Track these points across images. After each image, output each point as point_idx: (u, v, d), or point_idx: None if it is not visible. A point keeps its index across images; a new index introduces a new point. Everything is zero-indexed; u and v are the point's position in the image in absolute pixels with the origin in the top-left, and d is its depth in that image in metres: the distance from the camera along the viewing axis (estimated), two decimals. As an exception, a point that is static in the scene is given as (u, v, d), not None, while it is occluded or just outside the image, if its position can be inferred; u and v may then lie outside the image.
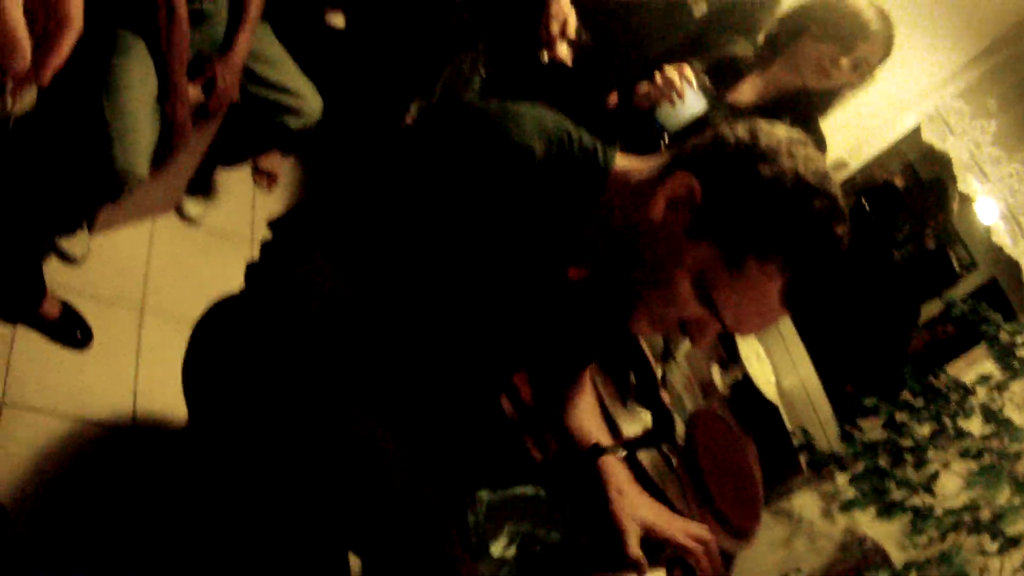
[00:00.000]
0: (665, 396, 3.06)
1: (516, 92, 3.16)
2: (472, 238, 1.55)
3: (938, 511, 3.51)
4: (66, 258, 3.14)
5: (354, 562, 1.84)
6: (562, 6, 3.19)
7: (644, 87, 2.96)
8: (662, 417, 2.84)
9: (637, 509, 1.99)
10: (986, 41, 4.33)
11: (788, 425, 4.45)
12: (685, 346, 3.45)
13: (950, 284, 4.72)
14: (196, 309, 1.94)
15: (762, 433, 4.20)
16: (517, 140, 1.50)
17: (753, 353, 4.14)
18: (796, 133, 1.55)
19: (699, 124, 2.89)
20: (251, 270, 1.80)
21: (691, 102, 2.91)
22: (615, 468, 2.06)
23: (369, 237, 1.56)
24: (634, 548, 1.92)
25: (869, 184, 4.99)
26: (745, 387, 4.05)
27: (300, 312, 1.60)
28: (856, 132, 4.62)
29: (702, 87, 2.90)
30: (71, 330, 2.98)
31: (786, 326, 4.73)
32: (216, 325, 1.91)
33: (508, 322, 1.78)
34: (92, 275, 3.21)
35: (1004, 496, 3.42)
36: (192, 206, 3.71)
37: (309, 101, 3.26)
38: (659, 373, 3.16)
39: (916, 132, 4.41)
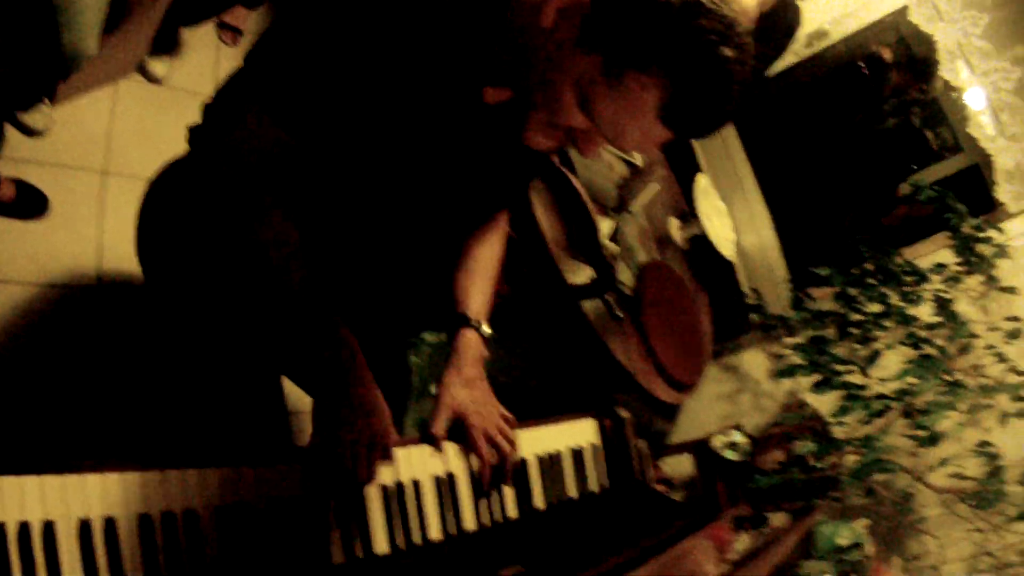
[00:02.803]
0: (612, 248, 3.20)
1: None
2: (389, 62, 1.61)
3: (870, 393, 3.67)
4: (28, 131, 3.22)
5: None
6: None
7: None
8: (601, 270, 2.95)
9: (460, 391, 2.05)
10: (990, -67, 4.37)
11: (743, 283, 4.67)
12: (643, 198, 3.56)
13: (926, 163, 4.85)
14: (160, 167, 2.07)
15: (717, 288, 4.38)
16: None
17: (714, 209, 4.24)
18: None
19: None
20: (193, 132, 1.85)
21: None
22: (468, 343, 2.11)
23: (298, 78, 1.62)
24: (437, 426, 1.98)
25: (853, 54, 5.06)
26: (703, 242, 4.17)
27: (240, 166, 1.67)
28: (841, 3, 4.68)
29: None
30: (28, 205, 3.11)
31: (749, 184, 4.88)
32: (162, 187, 2.04)
33: (433, 152, 1.84)
34: (56, 143, 3.31)
35: (934, 391, 3.57)
36: (157, 65, 3.77)
37: None
38: (610, 224, 3.29)
39: (903, 11, 4.46)
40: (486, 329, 2.15)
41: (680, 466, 4.19)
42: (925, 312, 3.93)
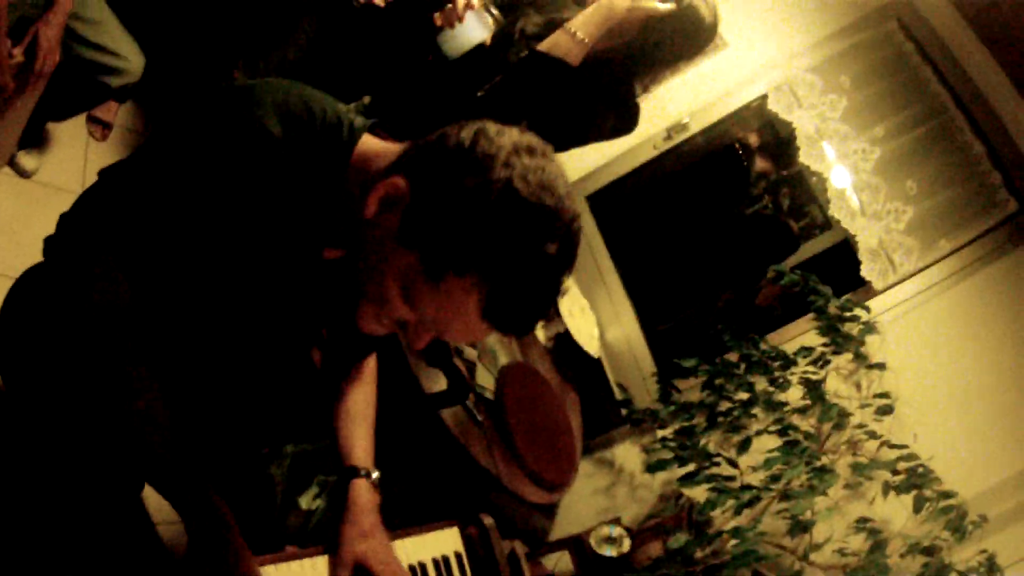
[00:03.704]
0: (471, 353, 3.31)
1: (341, 43, 3.34)
2: (225, 221, 1.62)
3: (737, 484, 3.77)
4: None
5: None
6: None
7: (436, 17, 3.10)
8: (453, 378, 3.05)
9: (359, 543, 2.09)
10: (847, 19, 4.63)
11: (611, 377, 4.77)
12: None
13: (797, 243, 5.05)
14: (28, 264, 2.07)
15: (586, 384, 4.52)
16: (254, 122, 1.58)
17: (577, 306, 4.38)
18: (530, 140, 1.58)
19: (483, 55, 3.09)
20: (47, 244, 1.83)
21: (471, 28, 3.05)
22: (359, 493, 2.14)
23: (137, 222, 1.63)
24: None
25: (714, 144, 5.26)
26: (568, 339, 4.30)
27: (80, 304, 1.63)
28: (700, 95, 4.87)
29: (487, 15, 3.06)
30: None
31: (611, 279, 5.00)
32: (22, 294, 2.06)
33: (276, 305, 1.87)
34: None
35: (801, 477, 3.65)
36: (27, 160, 3.85)
37: (130, 60, 3.41)
38: None
39: (762, 100, 4.69)
40: (375, 475, 2.18)
41: (563, 562, 4.24)
42: (795, 396, 4.06)
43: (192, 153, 1.60)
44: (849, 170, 4.43)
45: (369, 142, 1.76)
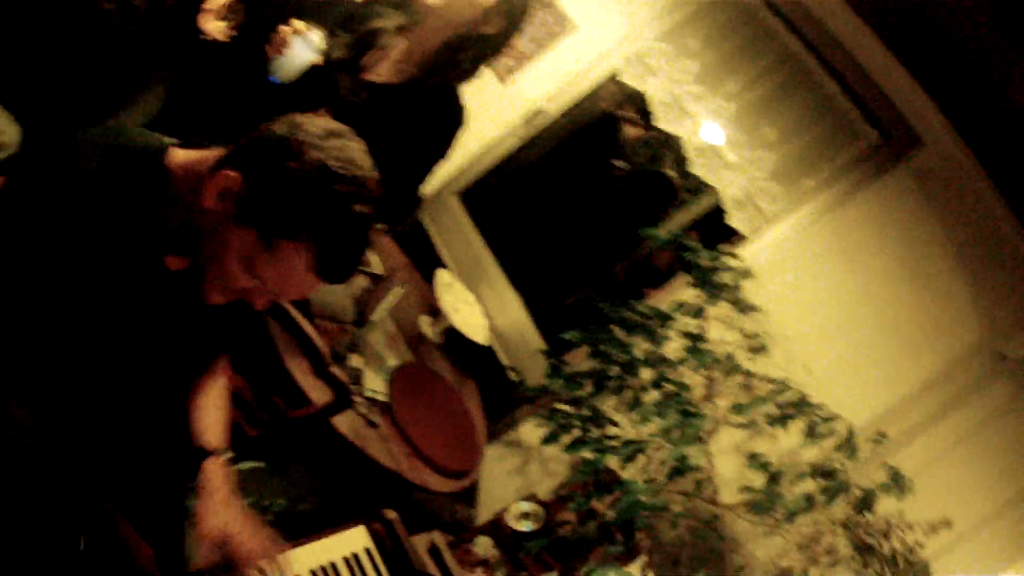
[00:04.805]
0: (357, 362, 3.57)
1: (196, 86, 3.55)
2: (73, 251, 1.92)
3: (619, 441, 4.00)
4: None
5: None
6: None
7: (267, 48, 3.35)
8: (335, 387, 3.24)
9: (215, 516, 2.26)
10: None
11: (505, 361, 5.03)
12: (386, 304, 3.89)
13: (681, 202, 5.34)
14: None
15: (482, 373, 4.75)
16: (70, 167, 1.93)
17: (461, 300, 4.61)
18: (334, 126, 1.95)
19: (316, 75, 3.34)
20: None
21: (298, 52, 3.31)
22: (213, 473, 2.33)
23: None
24: (201, 559, 2.25)
25: (579, 122, 5.45)
26: (458, 332, 4.49)
27: None
28: (553, 80, 5.04)
29: (312, 37, 3.30)
30: None
31: (493, 270, 5.22)
32: None
33: (130, 318, 2.10)
34: None
35: (676, 426, 3.87)
36: None
37: (5, 133, 3.61)
38: (347, 339, 3.66)
39: (615, 75, 4.85)
40: (228, 454, 2.40)
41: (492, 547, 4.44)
42: (679, 348, 4.26)
43: (29, 202, 1.94)
44: (706, 128, 4.61)
45: (180, 153, 2.08)
